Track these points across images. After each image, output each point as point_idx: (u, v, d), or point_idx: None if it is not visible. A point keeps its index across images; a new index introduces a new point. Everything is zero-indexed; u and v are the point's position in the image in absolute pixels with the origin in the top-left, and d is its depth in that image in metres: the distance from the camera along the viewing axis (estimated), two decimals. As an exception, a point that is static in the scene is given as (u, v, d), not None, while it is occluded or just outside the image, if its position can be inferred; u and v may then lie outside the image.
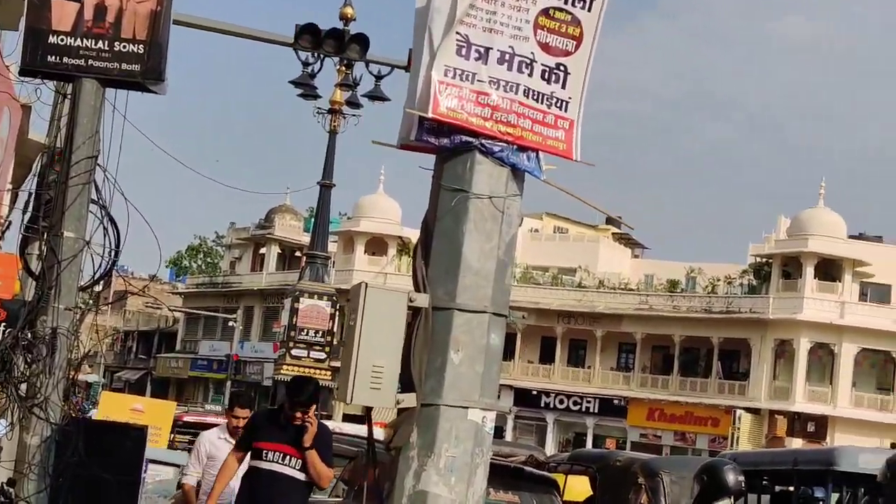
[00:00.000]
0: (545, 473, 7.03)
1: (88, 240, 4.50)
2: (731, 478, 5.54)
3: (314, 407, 4.86)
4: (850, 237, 32.47)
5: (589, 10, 3.41)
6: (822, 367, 30.83)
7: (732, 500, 5.58)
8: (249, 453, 4.83)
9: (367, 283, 3.45)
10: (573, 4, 3.41)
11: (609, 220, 36.50)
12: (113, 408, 11.48)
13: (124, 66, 4.64)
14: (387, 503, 3.56)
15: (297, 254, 30.69)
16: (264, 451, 4.75)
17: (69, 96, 4.86)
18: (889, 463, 5.22)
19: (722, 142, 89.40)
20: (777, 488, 8.17)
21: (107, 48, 4.58)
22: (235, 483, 5.06)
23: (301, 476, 4.77)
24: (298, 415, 4.72)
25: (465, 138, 3.44)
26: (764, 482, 7.96)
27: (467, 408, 3.55)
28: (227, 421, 5.87)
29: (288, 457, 4.74)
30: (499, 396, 4.03)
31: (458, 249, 3.50)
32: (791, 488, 7.87)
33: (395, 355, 3.50)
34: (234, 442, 5.34)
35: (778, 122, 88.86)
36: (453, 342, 3.51)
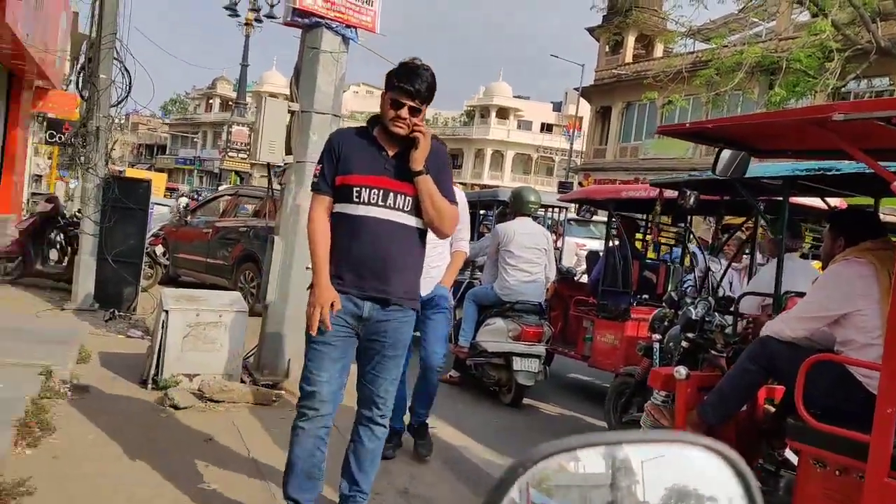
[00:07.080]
0: None
1: (113, 79, 6.44)
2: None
3: (423, 112, 2.79)
4: (514, 97, 57.83)
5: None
6: (498, 162, 55.95)
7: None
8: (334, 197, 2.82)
9: (266, 97, 5.46)
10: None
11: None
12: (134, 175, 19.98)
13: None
14: (278, 212, 5.41)
15: (230, 103, 47.07)
16: (356, 190, 2.75)
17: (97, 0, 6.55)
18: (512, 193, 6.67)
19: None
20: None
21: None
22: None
23: (413, 221, 2.80)
24: (404, 115, 2.72)
25: (316, 19, 5.11)
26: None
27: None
28: None
29: (391, 194, 2.76)
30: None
31: (314, 80, 5.18)
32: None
33: (282, 135, 5.23)
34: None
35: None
36: (312, 128, 5.19)
